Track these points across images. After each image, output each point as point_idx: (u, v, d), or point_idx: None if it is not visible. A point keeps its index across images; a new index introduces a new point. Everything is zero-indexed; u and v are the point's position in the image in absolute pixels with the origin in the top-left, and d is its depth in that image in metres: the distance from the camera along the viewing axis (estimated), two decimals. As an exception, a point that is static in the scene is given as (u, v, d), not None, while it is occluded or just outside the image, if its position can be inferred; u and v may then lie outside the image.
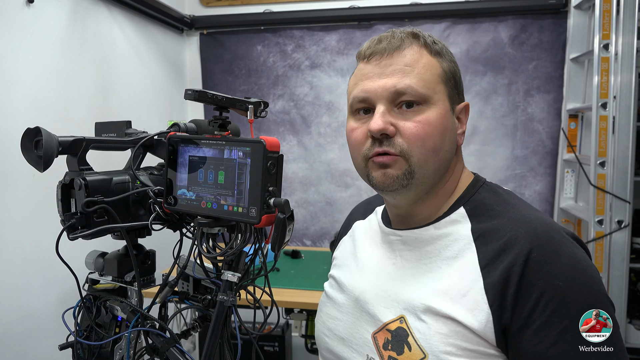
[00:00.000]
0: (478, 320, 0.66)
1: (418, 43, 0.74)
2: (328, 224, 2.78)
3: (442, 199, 0.78)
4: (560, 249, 0.66)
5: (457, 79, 0.77)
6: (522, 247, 0.66)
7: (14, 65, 1.57)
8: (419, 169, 0.71)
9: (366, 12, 2.60)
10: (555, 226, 0.70)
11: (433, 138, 0.71)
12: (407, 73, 0.71)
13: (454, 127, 0.76)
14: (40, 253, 1.64)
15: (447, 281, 0.70)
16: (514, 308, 0.64)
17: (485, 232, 0.71)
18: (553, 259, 0.65)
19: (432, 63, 0.73)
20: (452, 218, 0.75)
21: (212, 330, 0.69)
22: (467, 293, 0.68)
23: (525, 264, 0.65)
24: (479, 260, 0.69)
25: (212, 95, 0.69)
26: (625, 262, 2.01)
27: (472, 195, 0.77)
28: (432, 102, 0.72)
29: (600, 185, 2.02)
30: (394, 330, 0.73)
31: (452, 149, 0.76)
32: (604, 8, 2.02)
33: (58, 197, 0.73)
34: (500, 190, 0.79)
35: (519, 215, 0.71)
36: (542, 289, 0.63)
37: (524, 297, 0.64)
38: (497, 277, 0.66)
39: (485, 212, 0.74)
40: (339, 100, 2.69)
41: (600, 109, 2.02)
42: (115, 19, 2.15)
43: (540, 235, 0.67)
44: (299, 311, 2.12)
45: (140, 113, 2.36)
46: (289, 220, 0.64)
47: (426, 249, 0.76)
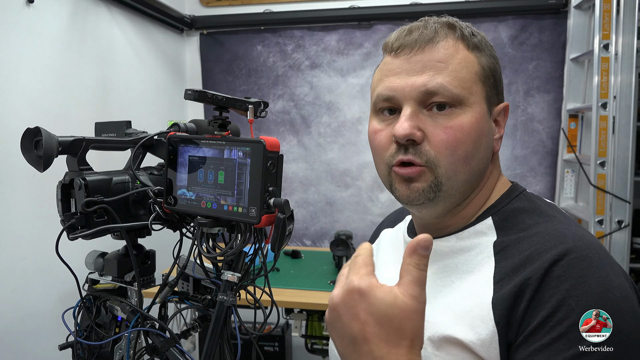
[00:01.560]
0: (481, 337, 0.57)
1: (454, 35, 0.65)
2: (328, 224, 2.78)
3: (473, 209, 0.69)
4: (591, 270, 0.55)
5: (497, 77, 0.68)
6: (545, 260, 0.56)
7: (14, 65, 1.57)
8: (447, 180, 0.63)
9: (366, 12, 2.59)
10: (596, 247, 0.58)
11: (465, 146, 0.62)
12: (440, 70, 0.62)
13: (490, 132, 0.66)
14: (40, 253, 1.64)
15: (456, 296, 0.63)
16: (520, 325, 0.55)
17: (508, 245, 0.62)
18: (578, 278, 0.54)
19: (469, 59, 0.64)
20: (477, 229, 0.67)
21: (212, 330, 0.69)
22: (474, 308, 0.59)
23: (542, 278, 0.55)
24: (495, 275, 0.60)
25: (212, 95, 0.69)
26: (625, 262, 2.01)
27: (505, 205, 0.67)
28: (467, 105, 0.63)
29: (600, 185, 2.02)
30: None
31: (487, 157, 0.67)
32: (604, 8, 2.02)
33: (58, 197, 0.73)
34: (539, 201, 0.68)
35: (552, 229, 0.61)
36: (554, 307, 0.54)
37: (532, 314, 0.55)
38: (508, 291, 0.57)
39: (515, 224, 0.64)
40: (339, 100, 2.70)
41: (600, 109, 2.02)
42: (115, 19, 2.15)
43: (571, 250, 0.56)
44: (299, 311, 2.12)
45: (140, 113, 2.36)
46: (289, 220, 0.64)
47: (444, 262, 0.68)
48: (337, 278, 0.52)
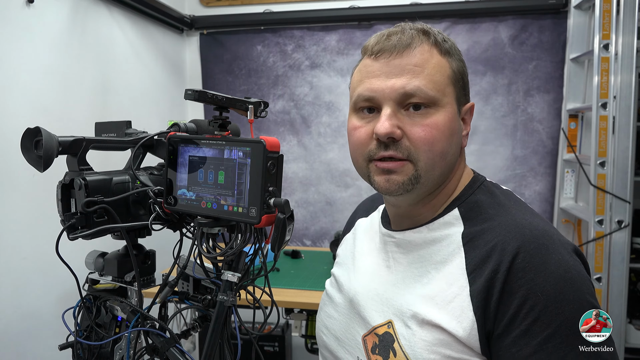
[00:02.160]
0: (463, 327, 0.64)
1: (428, 41, 0.71)
2: (328, 224, 2.78)
3: (441, 199, 0.76)
4: (549, 257, 0.63)
5: (465, 79, 0.75)
6: (507, 252, 0.64)
7: (14, 65, 1.57)
8: (426, 173, 0.70)
9: (366, 12, 2.59)
10: (549, 233, 0.67)
11: (441, 142, 0.69)
12: (417, 74, 0.68)
13: (460, 129, 0.74)
14: (40, 253, 1.64)
15: (435, 287, 0.69)
16: (496, 315, 0.63)
17: (474, 236, 0.69)
18: (539, 266, 0.62)
19: (442, 63, 0.70)
20: (445, 220, 0.74)
21: (212, 330, 0.69)
22: (454, 299, 0.66)
23: (508, 271, 0.63)
24: (466, 266, 0.67)
25: (212, 95, 0.69)
26: (625, 262, 2.01)
27: (468, 197, 0.75)
28: (440, 105, 0.69)
29: (600, 185, 2.02)
30: (381, 334, 0.73)
31: (457, 152, 0.75)
32: (604, 8, 2.02)
33: (58, 197, 0.73)
34: (497, 191, 0.76)
35: (510, 220, 0.68)
36: (524, 297, 0.62)
37: (505, 304, 0.63)
38: (481, 284, 0.64)
39: (478, 214, 0.72)
40: (339, 100, 2.70)
41: (600, 109, 2.02)
42: (115, 19, 2.15)
43: (529, 241, 0.64)
44: (299, 311, 2.12)
45: (140, 113, 2.36)
46: (289, 220, 0.64)
47: (418, 252, 0.75)
48: None
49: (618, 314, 1.99)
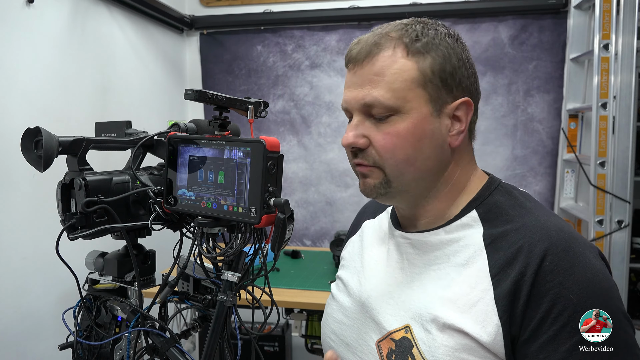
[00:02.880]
0: (487, 332, 0.63)
1: (393, 44, 0.68)
2: (328, 224, 2.78)
3: (446, 202, 0.74)
4: (577, 259, 0.62)
5: (447, 75, 0.68)
6: (535, 254, 0.63)
7: (14, 65, 1.57)
8: (395, 179, 0.70)
9: (366, 12, 2.59)
10: (574, 235, 0.66)
11: (403, 149, 0.68)
12: (376, 84, 0.67)
13: (438, 130, 0.69)
14: (40, 253, 1.64)
15: (456, 289, 0.67)
16: (523, 319, 0.62)
17: (497, 237, 0.67)
18: (567, 269, 0.61)
19: (405, 67, 0.67)
20: (463, 222, 0.72)
21: (212, 330, 0.69)
22: (477, 303, 0.64)
23: (536, 274, 0.62)
24: (490, 268, 0.65)
25: (212, 95, 0.69)
26: (625, 262, 2.00)
27: (486, 198, 0.73)
28: (403, 112, 0.67)
29: (600, 185, 2.02)
30: (398, 340, 0.70)
31: (437, 155, 0.70)
32: (604, 8, 2.02)
33: (58, 197, 0.73)
34: (515, 192, 0.74)
35: (535, 221, 0.67)
36: (552, 301, 0.60)
37: (533, 308, 0.61)
38: (507, 287, 0.63)
39: (499, 216, 0.70)
40: (339, 100, 2.68)
41: (600, 109, 2.02)
42: (115, 19, 2.15)
43: (556, 244, 0.63)
44: (299, 311, 2.12)
45: (140, 113, 2.36)
46: (289, 220, 0.64)
47: (435, 253, 0.72)
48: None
49: (618, 314, 1.99)
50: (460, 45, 0.71)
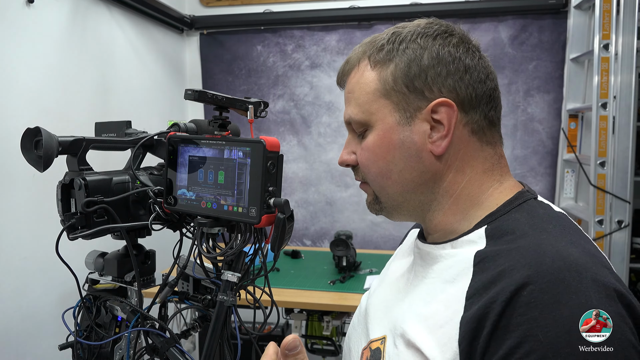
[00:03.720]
0: (445, 358, 0.55)
1: (359, 59, 0.68)
2: (328, 224, 2.78)
3: (453, 215, 0.67)
4: (566, 297, 0.50)
5: (414, 77, 0.63)
6: (513, 281, 0.52)
7: (14, 65, 1.57)
8: (379, 193, 0.69)
9: (366, 12, 2.60)
10: (582, 268, 0.52)
11: (375, 163, 0.66)
12: (349, 102, 0.68)
13: (409, 139, 0.64)
14: (40, 253, 1.64)
15: (433, 307, 0.61)
16: (485, 352, 0.52)
17: (487, 257, 0.58)
18: (547, 305, 0.50)
19: (367, 80, 0.65)
20: (470, 238, 0.64)
21: (212, 330, 0.69)
22: (444, 325, 0.57)
23: (508, 302, 0.51)
24: (468, 289, 0.57)
25: (212, 95, 0.69)
26: (625, 262, 2.01)
27: (504, 214, 0.63)
28: (371, 125, 0.66)
29: (600, 185, 2.02)
30: (373, 349, 0.68)
31: (415, 165, 0.65)
32: (604, 8, 2.02)
33: (58, 197, 0.73)
34: (541, 211, 0.63)
35: (533, 243, 0.56)
36: (519, 338, 0.50)
37: (497, 341, 0.51)
38: (474, 312, 0.54)
39: (504, 234, 0.60)
40: (339, 100, 2.69)
41: (600, 109, 2.02)
42: (115, 19, 2.15)
43: (544, 272, 0.51)
44: (299, 311, 2.12)
45: (140, 113, 2.36)
46: (289, 220, 0.64)
47: (433, 267, 0.67)
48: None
49: (618, 314, 1.99)
50: (441, 42, 0.65)
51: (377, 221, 2.72)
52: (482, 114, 0.67)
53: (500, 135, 0.71)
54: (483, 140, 0.67)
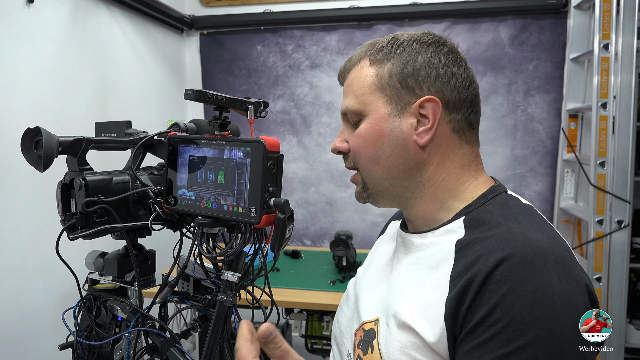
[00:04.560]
0: (434, 332, 0.64)
1: (360, 58, 0.77)
2: (328, 224, 2.78)
3: (433, 204, 0.75)
4: (531, 275, 0.59)
5: (407, 76, 0.71)
6: (489, 263, 0.61)
7: (14, 65, 1.57)
8: (367, 178, 0.76)
9: (366, 12, 2.60)
10: (548, 252, 0.61)
11: (366, 149, 0.74)
12: (347, 94, 0.76)
13: (398, 129, 0.72)
14: (40, 253, 1.64)
15: (421, 291, 0.69)
16: (464, 322, 0.61)
17: (467, 244, 0.67)
18: (515, 283, 0.58)
19: (365, 75, 0.74)
20: (449, 227, 0.72)
21: (212, 330, 0.69)
22: (432, 305, 0.66)
23: (484, 280, 0.60)
24: (451, 273, 0.66)
25: (212, 95, 0.69)
26: (625, 262, 2.01)
27: (479, 206, 0.72)
28: (365, 114, 0.74)
29: (600, 185, 2.02)
30: (367, 330, 0.75)
31: (401, 153, 0.72)
32: (604, 8, 2.02)
33: (58, 197, 0.73)
34: (512, 203, 0.72)
35: (507, 231, 0.65)
36: (490, 309, 0.59)
37: (472, 312, 0.60)
38: (457, 291, 0.63)
39: (481, 224, 0.69)
40: (339, 100, 2.68)
41: (600, 109, 2.02)
42: (115, 19, 2.15)
43: (514, 255, 0.60)
44: (299, 311, 2.12)
45: (140, 113, 2.36)
46: (289, 220, 0.65)
47: (416, 254, 0.75)
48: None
49: (618, 314, 1.99)
50: (434, 49, 0.73)
51: (377, 221, 2.72)
52: (463, 115, 0.74)
53: (478, 137, 0.78)
54: (462, 139, 0.75)
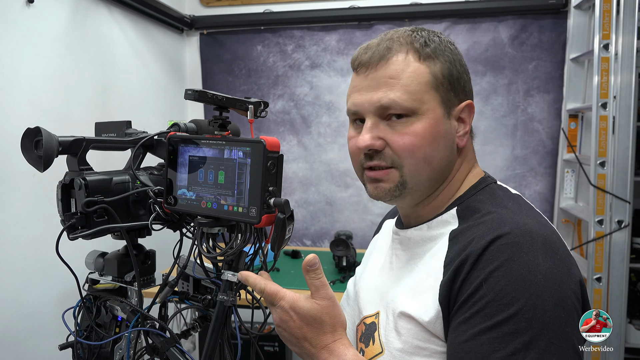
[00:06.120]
0: (429, 315, 0.66)
1: (405, 49, 0.71)
2: (328, 224, 2.78)
3: (443, 199, 0.76)
4: (518, 255, 0.61)
5: (454, 80, 0.73)
6: (480, 245, 0.63)
7: (14, 65, 1.57)
8: (412, 179, 0.72)
9: (366, 12, 2.59)
10: (536, 235, 0.63)
11: (423, 149, 0.70)
12: (392, 86, 0.70)
13: (449, 131, 0.73)
14: (40, 253, 1.64)
15: (417, 278, 0.71)
16: (455, 301, 0.64)
17: (460, 232, 0.69)
18: (503, 262, 0.61)
19: (419, 71, 0.70)
20: (443, 218, 0.74)
21: (212, 330, 0.69)
22: (428, 290, 0.68)
23: (475, 262, 0.63)
24: (445, 258, 0.68)
25: (212, 95, 0.69)
26: (625, 262, 2.01)
27: (470, 197, 0.74)
28: (419, 113, 0.70)
29: (600, 185, 2.02)
30: (368, 324, 0.77)
31: (448, 155, 0.74)
32: (604, 8, 2.02)
33: (58, 197, 0.73)
34: (501, 193, 0.74)
35: (497, 217, 0.67)
36: (477, 286, 0.61)
37: (462, 291, 0.63)
38: (450, 274, 0.65)
39: (473, 214, 0.71)
40: (339, 100, 2.69)
41: (600, 109, 2.02)
42: (115, 19, 2.15)
43: (503, 236, 0.63)
44: (299, 311, 2.11)
45: (140, 113, 2.36)
46: (289, 220, 0.65)
47: (415, 250, 0.76)
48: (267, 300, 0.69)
49: (618, 314, 1.99)
50: (459, 52, 0.75)
51: (377, 221, 2.71)
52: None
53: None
54: (471, 137, 0.79)
